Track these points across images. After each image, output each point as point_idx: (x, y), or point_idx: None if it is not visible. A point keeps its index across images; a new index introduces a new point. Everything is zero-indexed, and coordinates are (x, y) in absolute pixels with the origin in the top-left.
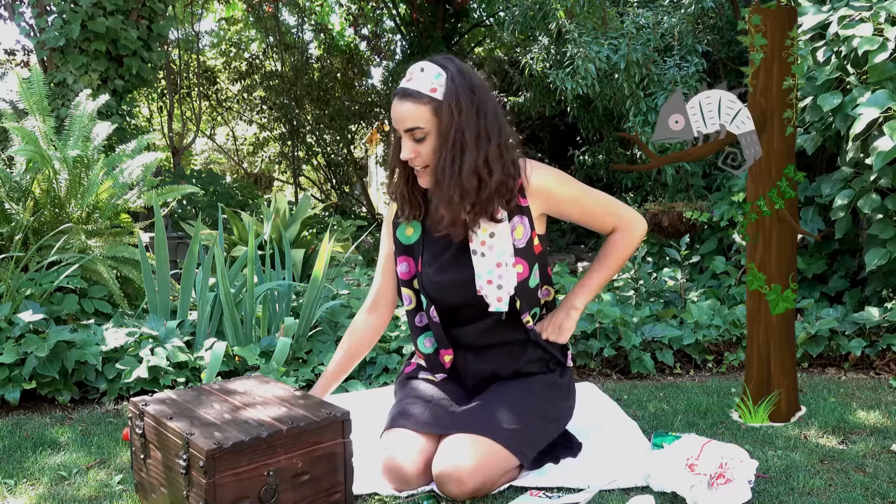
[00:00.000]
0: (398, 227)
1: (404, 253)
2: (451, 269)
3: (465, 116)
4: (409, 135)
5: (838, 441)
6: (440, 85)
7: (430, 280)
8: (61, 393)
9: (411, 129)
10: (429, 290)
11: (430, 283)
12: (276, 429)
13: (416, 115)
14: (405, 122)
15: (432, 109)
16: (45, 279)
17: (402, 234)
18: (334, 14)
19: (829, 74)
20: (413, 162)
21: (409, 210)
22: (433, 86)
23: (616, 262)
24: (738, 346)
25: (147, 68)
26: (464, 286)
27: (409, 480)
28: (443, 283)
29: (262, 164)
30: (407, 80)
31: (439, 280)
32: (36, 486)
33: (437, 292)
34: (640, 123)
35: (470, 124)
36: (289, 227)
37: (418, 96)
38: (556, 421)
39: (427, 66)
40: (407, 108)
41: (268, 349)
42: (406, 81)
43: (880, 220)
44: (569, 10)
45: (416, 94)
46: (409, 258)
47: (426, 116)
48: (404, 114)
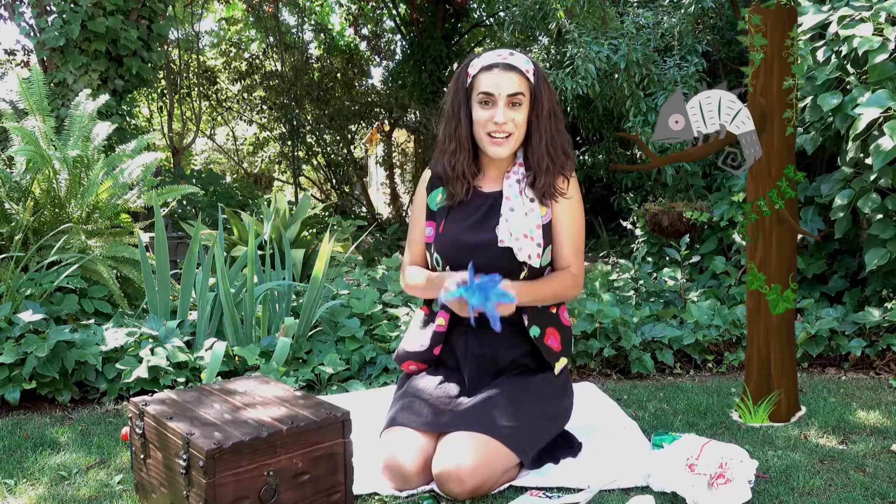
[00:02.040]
0: (431, 193)
1: (430, 218)
2: (474, 230)
3: (550, 99)
4: (510, 100)
5: (838, 441)
6: (531, 69)
7: (449, 239)
8: (61, 393)
9: (515, 93)
10: (445, 250)
11: (449, 241)
12: (276, 429)
13: (520, 83)
14: (510, 88)
15: (529, 85)
16: (45, 279)
17: (432, 200)
18: (334, 14)
19: (829, 74)
20: (504, 127)
21: (459, 187)
22: (527, 67)
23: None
24: (738, 346)
25: (147, 68)
26: (482, 248)
27: (409, 479)
28: (462, 243)
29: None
30: (503, 57)
31: (458, 239)
32: (36, 486)
33: (453, 251)
34: (640, 123)
35: (554, 108)
36: (289, 227)
37: (521, 71)
38: (555, 419)
39: (516, 52)
40: (512, 77)
41: (268, 349)
42: (502, 58)
43: (880, 220)
44: (569, 10)
45: (518, 69)
46: (433, 223)
47: (526, 86)
48: (511, 81)
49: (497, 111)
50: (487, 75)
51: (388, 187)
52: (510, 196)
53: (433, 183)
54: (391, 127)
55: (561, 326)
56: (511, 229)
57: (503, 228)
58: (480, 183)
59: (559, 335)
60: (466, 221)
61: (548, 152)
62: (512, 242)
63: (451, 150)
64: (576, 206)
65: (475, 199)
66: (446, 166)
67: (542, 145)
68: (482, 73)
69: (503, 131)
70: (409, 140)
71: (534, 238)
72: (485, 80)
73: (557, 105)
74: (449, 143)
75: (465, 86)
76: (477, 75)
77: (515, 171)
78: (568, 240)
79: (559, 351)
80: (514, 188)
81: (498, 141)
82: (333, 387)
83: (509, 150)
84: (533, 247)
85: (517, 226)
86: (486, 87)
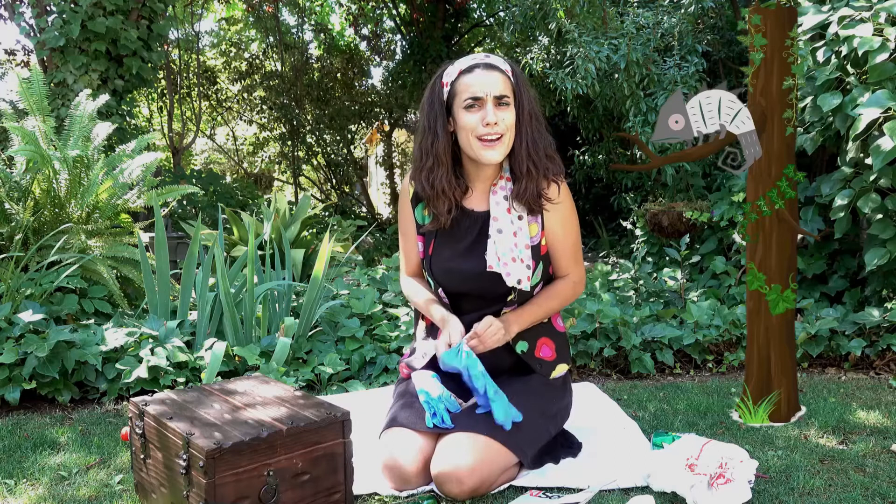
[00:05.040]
0: (417, 206)
1: (420, 233)
2: (465, 257)
3: (530, 101)
4: (497, 101)
5: (838, 441)
6: (510, 70)
7: (441, 266)
8: (61, 393)
9: (501, 95)
10: (437, 276)
11: (440, 269)
12: (276, 429)
13: (504, 83)
14: (497, 89)
15: (512, 85)
16: (45, 279)
17: (419, 213)
18: (334, 14)
19: (829, 74)
20: (496, 128)
21: (442, 205)
22: (507, 68)
23: (555, 305)
24: (738, 346)
25: (147, 68)
26: (474, 276)
27: (409, 479)
28: (453, 270)
29: (262, 164)
30: (481, 59)
31: (450, 266)
32: (36, 486)
33: (446, 278)
34: (640, 123)
35: (534, 110)
36: (289, 227)
37: (502, 71)
38: (554, 418)
39: (493, 55)
40: (497, 77)
41: (268, 349)
42: (480, 59)
43: (880, 220)
44: (569, 10)
45: (500, 69)
46: (423, 239)
47: (510, 87)
48: (496, 81)
49: (486, 112)
50: (469, 77)
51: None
52: (497, 215)
53: (417, 196)
54: (391, 127)
55: (554, 334)
56: (499, 253)
57: (491, 252)
58: (468, 201)
59: (553, 344)
60: (457, 247)
61: (528, 155)
62: (500, 268)
63: (428, 167)
64: (568, 212)
65: (464, 219)
66: (424, 184)
67: (522, 148)
68: (463, 77)
69: (495, 133)
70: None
71: (523, 260)
72: (468, 82)
73: (537, 106)
74: (426, 158)
75: (442, 98)
76: (456, 81)
77: (502, 187)
78: (564, 249)
79: (553, 360)
80: (501, 206)
81: (490, 144)
82: (333, 387)
83: (502, 154)
84: (522, 270)
85: (505, 249)
86: (472, 91)
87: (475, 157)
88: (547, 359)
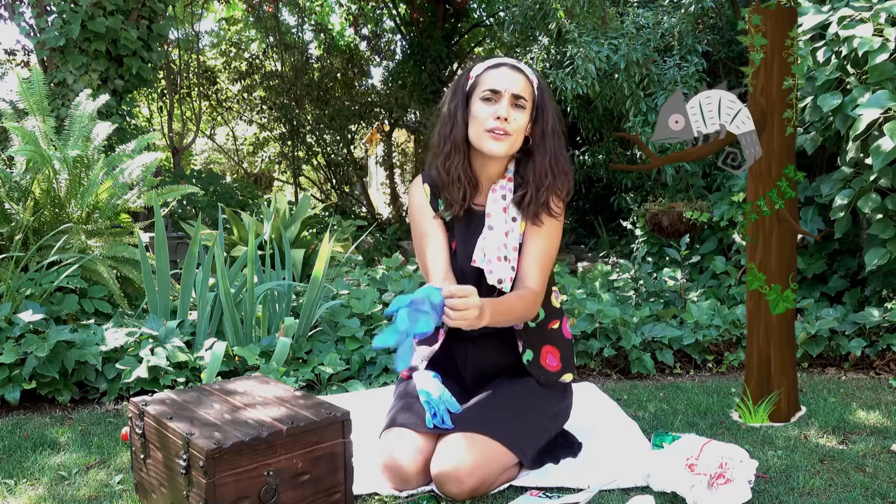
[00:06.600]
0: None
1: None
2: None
3: (554, 117)
4: (513, 100)
5: (838, 441)
6: (536, 82)
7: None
8: (61, 393)
9: (519, 95)
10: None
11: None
12: (276, 429)
13: (526, 87)
14: (516, 87)
15: (533, 95)
16: (45, 279)
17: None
18: (334, 14)
19: (829, 75)
20: (506, 125)
21: (456, 192)
22: (532, 77)
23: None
24: (738, 346)
25: (147, 68)
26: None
27: (409, 479)
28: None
29: (262, 164)
30: (511, 61)
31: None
32: (36, 486)
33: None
34: (640, 123)
35: (557, 126)
36: (289, 227)
37: (527, 76)
38: (554, 418)
39: (521, 63)
40: (520, 78)
41: (268, 349)
42: (510, 61)
43: (880, 220)
44: (569, 10)
45: (525, 73)
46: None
47: (530, 93)
48: (518, 81)
49: (500, 106)
50: (494, 72)
51: (388, 187)
52: (492, 212)
53: (434, 194)
54: (391, 127)
55: (562, 343)
56: (485, 249)
57: (478, 247)
58: (476, 199)
59: (559, 352)
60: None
61: (551, 168)
62: (483, 264)
63: (445, 152)
64: (556, 227)
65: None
66: (441, 170)
67: (545, 161)
68: (488, 72)
69: (503, 129)
70: (409, 140)
71: (509, 260)
72: (491, 77)
73: (561, 123)
74: (444, 144)
75: (466, 88)
76: (481, 75)
77: (503, 186)
78: (538, 256)
79: (558, 370)
80: (497, 204)
81: (498, 136)
82: (333, 387)
83: (506, 150)
84: (507, 270)
85: (492, 247)
86: (491, 84)
87: (479, 146)
88: (552, 369)
